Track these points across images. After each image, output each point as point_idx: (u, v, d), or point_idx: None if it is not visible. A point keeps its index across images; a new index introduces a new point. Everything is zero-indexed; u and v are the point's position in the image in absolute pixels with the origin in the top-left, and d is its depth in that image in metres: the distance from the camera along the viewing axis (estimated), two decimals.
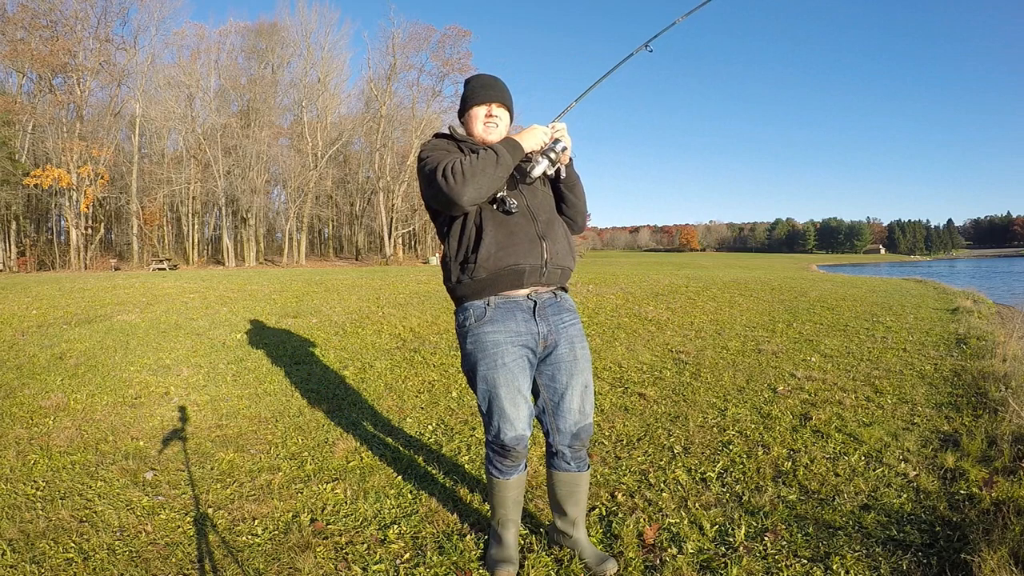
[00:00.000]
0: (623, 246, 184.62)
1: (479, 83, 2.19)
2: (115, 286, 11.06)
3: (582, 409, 2.09)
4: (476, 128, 2.14)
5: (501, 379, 1.98)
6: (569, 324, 2.11)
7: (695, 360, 5.48)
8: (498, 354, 1.99)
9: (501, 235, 1.98)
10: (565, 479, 2.15)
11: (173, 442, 3.49)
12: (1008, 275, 34.44)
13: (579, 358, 2.10)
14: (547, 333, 2.05)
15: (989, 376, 4.49)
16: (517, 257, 1.98)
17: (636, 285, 11.65)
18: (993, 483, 2.63)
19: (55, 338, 6.28)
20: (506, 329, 2.00)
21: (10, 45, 30.07)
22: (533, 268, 2.01)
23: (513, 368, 1.99)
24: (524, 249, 1.99)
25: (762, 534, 2.31)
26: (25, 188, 30.13)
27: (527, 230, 2.02)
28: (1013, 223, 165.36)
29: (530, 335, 2.03)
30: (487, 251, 1.96)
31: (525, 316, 2.03)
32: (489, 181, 1.90)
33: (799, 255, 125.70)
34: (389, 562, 2.23)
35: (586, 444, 2.13)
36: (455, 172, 1.88)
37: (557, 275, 2.08)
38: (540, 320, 2.04)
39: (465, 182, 1.87)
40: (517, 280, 2.00)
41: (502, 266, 1.97)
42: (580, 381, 2.08)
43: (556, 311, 2.09)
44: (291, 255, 41.63)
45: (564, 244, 2.11)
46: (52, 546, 2.35)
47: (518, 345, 2.01)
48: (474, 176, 1.88)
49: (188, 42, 38.06)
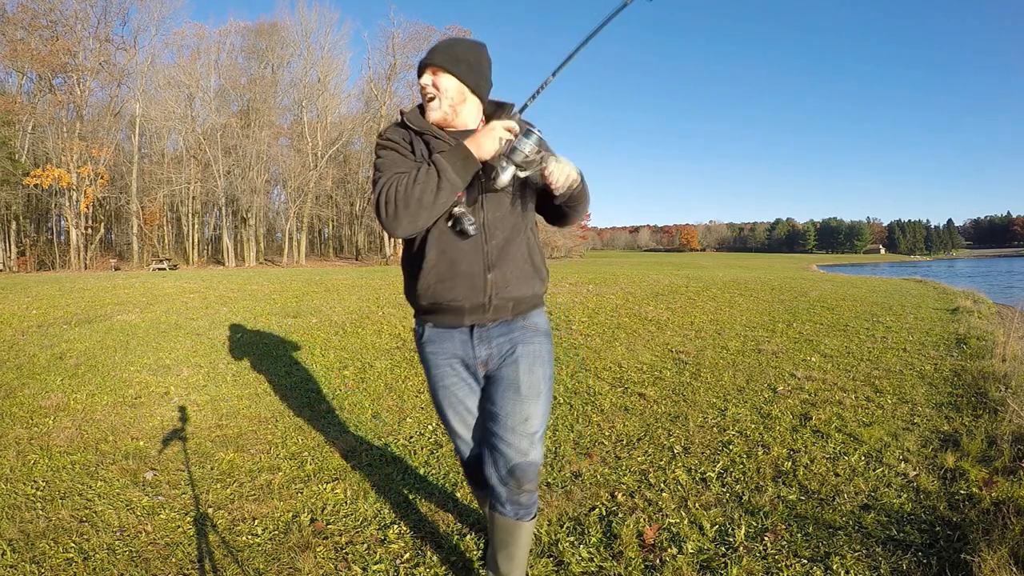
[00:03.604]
0: (623, 246, 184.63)
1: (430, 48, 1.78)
2: (115, 286, 11.06)
3: (518, 445, 1.74)
4: None
5: (444, 400, 1.86)
6: (520, 344, 1.79)
7: (695, 360, 5.48)
8: (439, 376, 1.84)
9: (443, 266, 1.70)
10: (499, 524, 1.85)
11: (173, 442, 3.49)
12: (1008, 275, 34.44)
13: (522, 382, 1.76)
14: (487, 356, 1.80)
15: (989, 376, 4.49)
16: (455, 294, 1.71)
17: (636, 285, 11.65)
18: (993, 483, 2.63)
19: (55, 338, 6.28)
20: (443, 350, 1.82)
21: (10, 45, 30.07)
22: (474, 306, 1.73)
23: (454, 389, 1.84)
24: (465, 284, 1.71)
25: (762, 534, 2.31)
26: (25, 188, 30.15)
27: (472, 260, 1.70)
28: (1013, 223, 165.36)
29: (468, 358, 1.81)
30: (425, 283, 1.72)
31: (463, 338, 1.80)
32: (428, 212, 1.59)
33: (799, 255, 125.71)
34: (389, 562, 2.23)
35: (525, 487, 1.77)
36: (388, 201, 1.58)
37: (508, 308, 1.77)
38: (480, 343, 1.79)
39: (397, 214, 1.58)
40: (456, 318, 1.77)
41: (439, 301, 1.74)
42: (520, 410, 1.75)
43: (504, 331, 1.79)
44: (291, 255, 41.64)
45: (521, 269, 1.77)
46: (52, 546, 2.35)
47: (455, 366, 1.83)
48: (407, 207, 1.57)
49: (188, 42, 38.10)
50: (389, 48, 40.55)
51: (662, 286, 11.63)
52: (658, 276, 14.25)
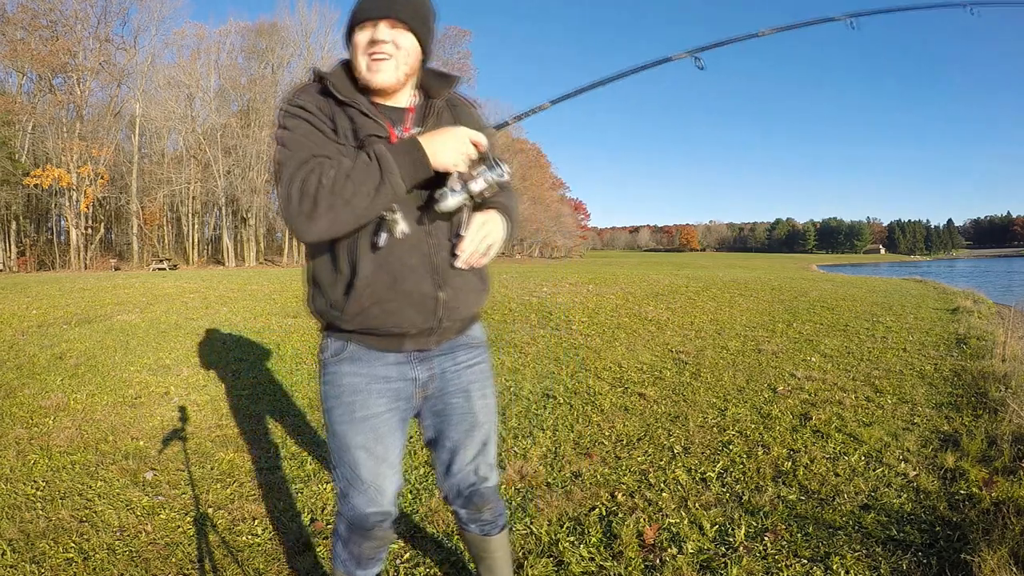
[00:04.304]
0: (623, 246, 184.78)
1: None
2: (115, 286, 11.07)
3: (477, 471, 1.60)
4: (360, 67, 1.36)
5: (357, 438, 1.45)
6: (464, 366, 1.55)
7: (695, 360, 5.48)
8: (358, 404, 1.44)
9: (381, 284, 1.34)
10: (469, 541, 1.74)
11: (173, 442, 3.48)
12: (1008, 275, 34.44)
13: (477, 409, 1.57)
14: (427, 380, 1.51)
15: (989, 376, 4.49)
16: (398, 319, 1.38)
17: (636, 285, 11.66)
18: (993, 483, 2.63)
19: (55, 338, 6.28)
20: (370, 372, 1.45)
21: (10, 45, 30.09)
22: (421, 331, 1.42)
23: (377, 425, 1.46)
24: (411, 307, 1.37)
25: (762, 534, 2.31)
26: (25, 188, 30.17)
27: (420, 277, 1.36)
28: (1013, 223, 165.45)
29: (403, 381, 1.48)
30: (357, 305, 1.35)
31: (398, 359, 1.46)
32: (355, 219, 1.25)
33: (799, 255, 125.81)
34: (389, 562, 2.22)
35: (486, 508, 1.64)
36: (305, 195, 1.22)
37: (456, 327, 1.50)
38: (419, 364, 1.49)
39: (315, 214, 1.22)
40: (394, 344, 1.44)
41: (374, 327, 1.39)
42: (477, 438, 1.58)
43: (446, 349, 1.53)
44: (291, 255, 41.63)
45: (471, 283, 1.46)
46: (52, 546, 2.34)
47: (385, 396, 1.46)
48: (331, 208, 1.21)
49: (188, 42, 38.16)
50: None
51: (662, 286, 11.64)
52: (658, 276, 14.26)
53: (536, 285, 11.48)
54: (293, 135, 1.30)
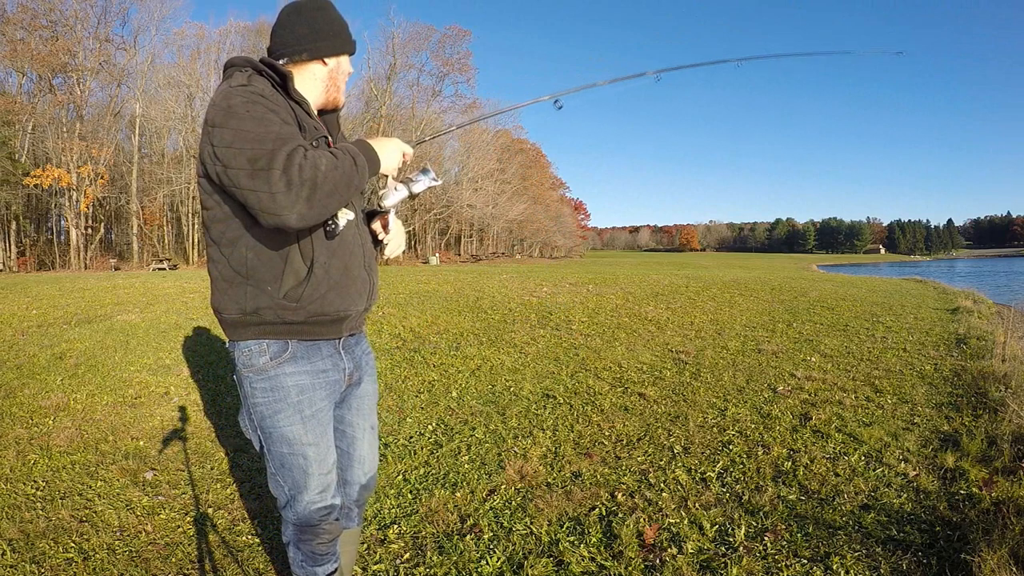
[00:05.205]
0: (623, 246, 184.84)
1: (334, 21, 1.54)
2: (115, 286, 11.07)
3: (372, 456, 1.73)
4: (320, 87, 1.54)
5: (308, 436, 1.49)
6: (368, 354, 1.72)
7: (695, 360, 5.48)
8: (303, 403, 1.48)
9: (336, 270, 1.44)
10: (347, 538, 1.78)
11: (173, 442, 3.49)
12: (1008, 275, 34.45)
13: (373, 394, 1.74)
14: (352, 369, 1.62)
15: (989, 376, 4.49)
16: (347, 303, 1.48)
17: (636, 285, 11.66)
18: (993, 483, 2.63)
19: (55, 338, 6.28)
20: (312, 368, 1.50)
21: (10, 45, 30.06)
22: (357, 313, 1.55)
23: (323, 419, 1.53)
24: (356, 290, 1.50)
25: (762, 534, 2.31)
26: (25, 188, 30.14)
27: (359, 262, 1.51)
28: (1013, 223, 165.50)
29: (337, 372, 1.56)
30: (315, 292, 1.41)
31: (330, 350, 1.55)
32: (338, 205, 1.33)
33: (799, 255, 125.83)
34: (389, 562, 2.23)
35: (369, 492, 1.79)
36: (303, 178, 1.22)
37: (369, 311, 1.66)
38: (346, 353, 1.59)
39: (314, 198, 1.24)
40: (334, 329, 1.52)
41: (327, 312, 1.45)
42: (369, 423, 1.71)
43: (359, 339, 1.68)
44: None
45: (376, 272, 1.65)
46: (52, 546, 2.34)
47: (324, 389, 1.53)
48: (331, 194, 1.27)
49: (188, 42, 38.06)
50: (389, 48, 40.66)
51: (662, 286, 11.64)
52: (658, 276, 14.26)
53: (536, 285, 11.48)
54: (268, 116, 1.30)
